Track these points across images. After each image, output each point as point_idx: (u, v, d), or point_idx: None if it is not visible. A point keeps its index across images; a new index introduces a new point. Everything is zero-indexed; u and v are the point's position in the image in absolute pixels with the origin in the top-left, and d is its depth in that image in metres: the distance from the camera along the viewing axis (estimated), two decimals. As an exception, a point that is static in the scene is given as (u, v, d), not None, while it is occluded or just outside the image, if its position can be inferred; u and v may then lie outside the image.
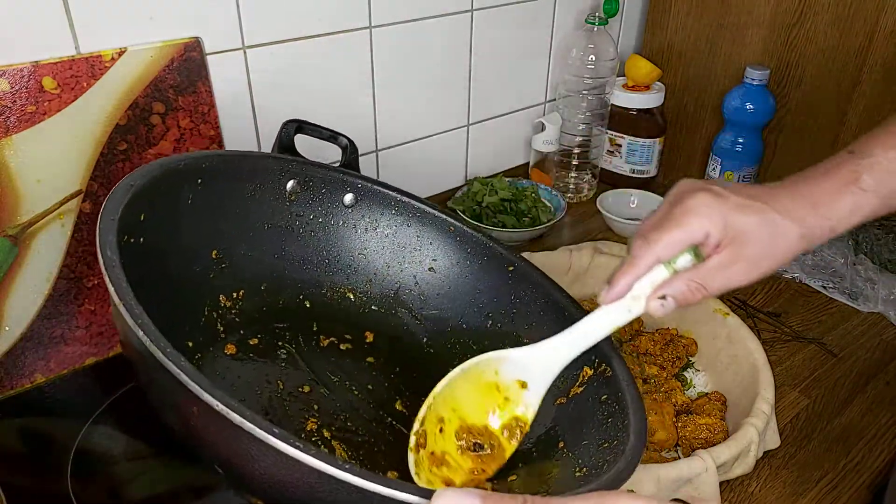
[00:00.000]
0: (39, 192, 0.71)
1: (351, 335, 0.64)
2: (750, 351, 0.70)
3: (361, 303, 0.66)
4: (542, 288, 0.61)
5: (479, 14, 1.02)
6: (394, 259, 0.66)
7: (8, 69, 0.66)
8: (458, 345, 0.64)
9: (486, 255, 0.64)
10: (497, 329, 0.63)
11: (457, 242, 0.65)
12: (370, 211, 0.66)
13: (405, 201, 0.66)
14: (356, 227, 0.66)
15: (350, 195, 0.65)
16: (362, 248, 0.66)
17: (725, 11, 1.03)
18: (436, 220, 0.66)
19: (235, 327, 0.59)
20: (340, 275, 0.66)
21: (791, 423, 0.71)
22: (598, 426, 0.51)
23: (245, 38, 0.81)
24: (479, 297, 0.64)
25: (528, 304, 0.61)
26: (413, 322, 0.66)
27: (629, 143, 1.13)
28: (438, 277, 0.66)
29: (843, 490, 0.64)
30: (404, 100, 1.01)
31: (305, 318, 0.63)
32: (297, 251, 0.64)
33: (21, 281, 0.73)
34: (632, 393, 0.51)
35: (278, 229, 0.63)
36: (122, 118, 0.74)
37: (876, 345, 0.82)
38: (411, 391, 0.60)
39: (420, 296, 0.66)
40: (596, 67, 1.05)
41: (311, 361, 0.60)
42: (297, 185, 0.62)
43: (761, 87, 0.97)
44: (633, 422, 0.48)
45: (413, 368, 0.63)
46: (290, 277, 0.64)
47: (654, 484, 0.56)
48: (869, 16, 0.88)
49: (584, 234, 1.04)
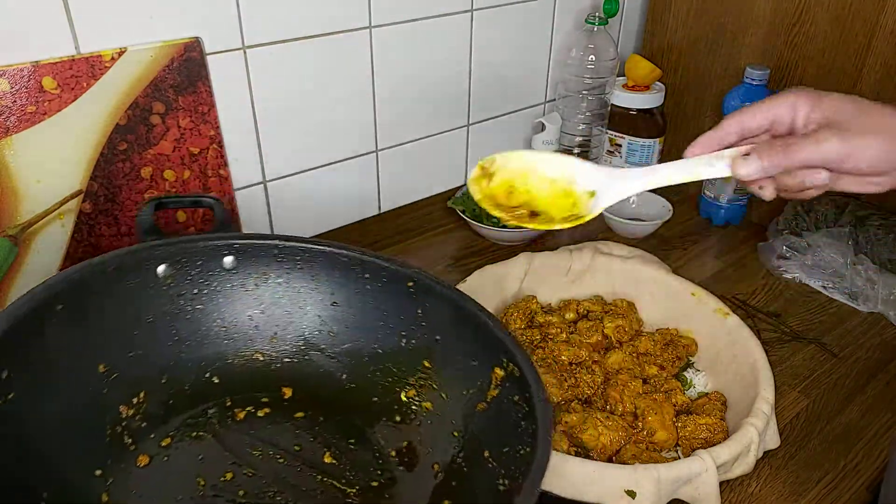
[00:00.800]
0: (39, 192, 0.71)
1: (268, 397, 0.62)
2: (750, 351, 0.70)
3: (272, 360, 0.64)
4: (447, 298, 0.59)
5: (479, 14, 1.02)
6: (293, 306, 0.64)
7: (8, 69, 0.66)
8: (378, 372, 0.63)
9: (384, 277, 0.62)
10: (412, 346, 0.61)
11: (352, 271, 0.63)
12: (255, 267, 0.63)
13: (289, 246, 0.63)
14: (245, 286, 0.63)
15: (229, 258, 0.61)
16: (257, 305, 0.63)
17: (725, 11, 1.03)
18: (325, 255, 0.63)
19: (144, 433, 0.56)
20: (243, 339, 0.63)
21: (791, 423, 0.71)
22: (513, 429, 0.50)
23: (245, 38, 0.81)
24: (388, 319, 0.62)
25: (436, 315, 0.60)
26: (329, 362, 0.64)
27: (629, 143, 1.13)
28: (343, 310, 0.64)
29: (843, 490, 0.64)
30: (404, 100, 1.01)
31: (217, 396, 0.61)
32: (189, 331, 0.61)
33: (21, 281, 0.73)
34: (538, 393, 0.50)
35: (163, 318, 0.59)
36: (122, 118, 0.74)
37: (876, 345, 0.82)
38: (338, 437, 0.59)
39: (329, 333, 0.64)
40: (596, 67, 1.05)
41: (230, 443, 0.57)
42: (168, 268, 0.58)
43: (761, 87, 0.96)
44: (540, 426, 0.47)
45: (337, 411, 0.62)
46: (189, 360, 0.61)
47: (654, 484, 0.56)
48: (869, 15, 0.88)
49: (584, 234, 1.04)
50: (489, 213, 0.55)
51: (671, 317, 0.80)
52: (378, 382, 0.62)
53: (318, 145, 0.95)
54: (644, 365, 0.73)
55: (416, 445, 0.58)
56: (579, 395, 0.69)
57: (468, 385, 0.57)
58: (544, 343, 0.75)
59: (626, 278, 0.83)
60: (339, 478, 0.55)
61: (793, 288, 0.92)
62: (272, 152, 0.91)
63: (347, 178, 1.00)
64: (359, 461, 0.57)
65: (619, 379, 0.70)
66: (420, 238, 1.02)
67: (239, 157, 0.88)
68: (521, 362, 0.52)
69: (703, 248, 1.01)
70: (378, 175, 1.04)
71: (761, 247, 0.98)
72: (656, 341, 0.75)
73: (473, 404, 0.56)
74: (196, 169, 0.82)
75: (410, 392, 0.61)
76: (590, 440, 0.63)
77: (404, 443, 0.59)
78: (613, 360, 0.73)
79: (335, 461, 0.57)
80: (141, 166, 0.77)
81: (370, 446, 0.59)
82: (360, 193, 1.04)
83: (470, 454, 0.54)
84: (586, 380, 0.70)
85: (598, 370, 0.71)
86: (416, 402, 0.60)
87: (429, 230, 1.04)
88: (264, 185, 0.92)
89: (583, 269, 0.84)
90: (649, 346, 0.75)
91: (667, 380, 0.72)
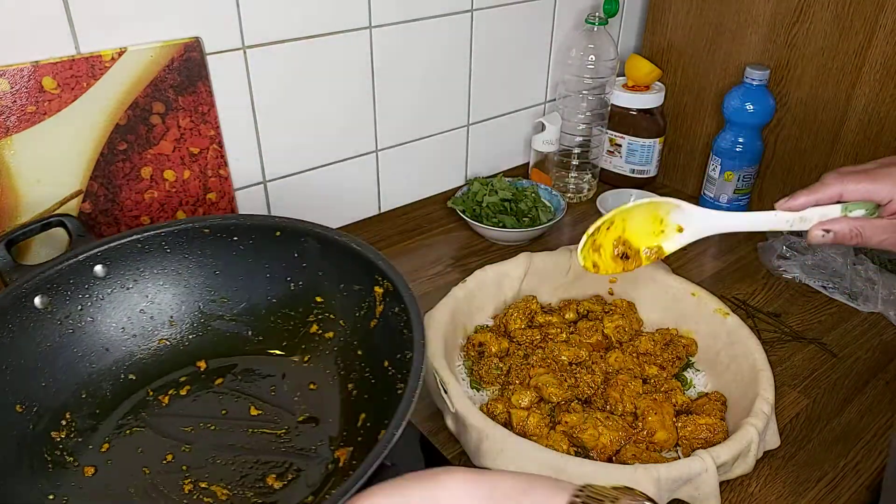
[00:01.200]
0: (39, 192, 0.71)
1: (185, 375, 0.64)
2: (750, 351, 0.70)
3: (178, 341, 0.66)
4: (315, 234, 0.63)
5: (479, 14, 1.02)
6: (178, 287, 0.66)
7: (8, 69, 0.66)
8: (279, 319, 0.66)
9: (252, 234, 0.65)
10: (301, 287, 0.65)
11: (221, 239, 0.65)
12: (126, 266, 0.65)
13: (150, 235, 0.64)
14: (125, 286, 0.65)
15: (98, 267, 0.63)
16: (144, 298, 0.65)
17: (725, 11, 1.03)
18: (188, 233, 0.65)
19: (82, 447, 0.59)
20: (143, 333, 0.65)
21: (791, 423, 0.71)
22: (399, 336, 0.54)
23: (245, 38, 0.81)
24: (271, 270, 0.66)
25: (310, 253, 0.64)
26: (231, 325, 0.67)
27: (629, 143, 1.13)
28: (227, 275, 0.67)
29: (843, 490, 0.64)
30: (404, 100, 1.01)
31: (138, 389, 0.63)
32: (90, 345, 0.63)
33: (21, 281, 0.73)
34: (411, 302, 0.55)
35: (60, 340, 0.61)
36: (122, 118, 0.74)
37: (876, 345, 0.82)
38: (259, 388, 0.63)
39: (222, 300, 0.67)
40: (596, 67, 1.05)
41: (163, 428, 0.60)
42: (44, 297, 0.60)
43: (761, 87, 0.97)
44: (415, 330, 0.52)
45: (254, 366, 0.65)
46: (101, 369, 0.63)
47: (654, 484, 0.56)
48: (869, 15, 0.88)
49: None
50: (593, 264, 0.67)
51: (671, 317, 0.80)
52: (282, 328, 0.66)
53: (318, 145, 0.95)
54: (644, 365, 0.73)
55: (330, 373, 0.63)
56: (579, 395, 0.70)
57: (358, 308, 0.62)
58: (544, 343, 0.75)
59: (626, 278, 0.83)
60: (268, 424, 0.59)
61: (793, 288, 0.92)
62: (272, 152, 0.91)
63: (347, 178, 1.00)
64: (283, 403, 0.61)
65: (619, 379, 0.70)
66: (420, 238, 1.02)
67: (239, 157, 0.88)
68: (393, 278, 0.57)
69: (703, 248, 1.01)
70: (378, 175, 1.04)
71: (761, 247, 0.98)
72: (656, 341, 0.75)
73: (367, 323, 0.61)
74: (196, 169, 0.82)
75: (313, 328, 0.65)
76: (590, 440, 0.63)
77: (319, 373, 0.63)
78: (613, 360, 0.73)
79: (261, 411, 0.61)
80: (141, 166, 0.77)
81: (290, 387, 0.63)
82: (360, 193, 1.04)
83: (374, 368, 0.59)
84: (586, 380, 0.70)
85: (598, 370, 0.71)
86: (320, 334, 0.65)
87: (429, 230, 1.04)
88: (264, 185, 0.92)
89: (583, 268, 0.84)
90: (649, 346, 0.75)
91: (667, 380, 0.72)
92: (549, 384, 0.68)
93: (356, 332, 0.62)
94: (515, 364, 0.72)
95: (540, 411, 0.67)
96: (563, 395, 0.68)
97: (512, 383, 0.71)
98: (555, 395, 0.68)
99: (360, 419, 0.57)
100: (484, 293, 0.80)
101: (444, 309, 0.73)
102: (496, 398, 0.69)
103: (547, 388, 0.68)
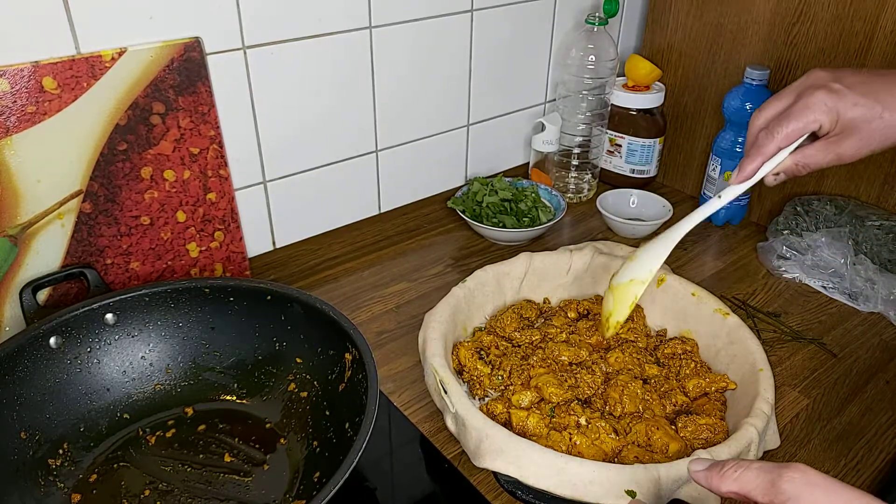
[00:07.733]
0: (39, 192, 0.71)
1: (173, 419, 0.70)
2: (750, 351, 0.70)
3: (171, 387, 0.72)
4: (300, 301, 0.69)
5: (479, 14, 1.02)
6: (177, 338, 0.73)
7: (8, 69, 0.66)
8: (262, 375, 0.72)
9: (247, 295, 0.72)
10: (285, 347, 0.72)
11: (219, 298, 0.72)
12: (134, 316, 0.71)
13: (157, 292, 0.71)
14: (130, 334, 0.71)
15: (109, 315, 0.70)
16: (146, 346, 0.72)
17: (725, 11, 1.03)
18: (190, 292, 0.72)
19: (73, 475, 0.64)
20: (141, 377, 0.71)
21: (791, 423, 0.71)
22: (359, 402, 0.59)
23: (245, 38, 0.81)
24: (260, 329, 0.72)
25: (295, 318, 0.70)
26: (220, 377, 0.73)
27: (629, 143, 1.13)
28: (221, 332, 0.73)
29: (843, 490, 0.64)
30: (404, 100, 1.01)
31: (129, 428, 0.69)
32: (93, 384, 0.69)
33: (21, 280, 0.73)
34: (371, 371, 0.60)
35: (67, 377, 0.67)
36: (122, 118, 0.74)
37: (876, 345, 0.82)
38: (236, 438, 0.68)
39: (215, 353, 0.73)
40: (596, 67, 1.05)
41: (145, 465, 0.65)
42: (58, 338, 0.66)
43: (761, 87, 0.96)
44: (369, 400, 0.57)
45: (235, 416, 0.71)
46: (99, 407, 0.69)
47: (654, 484, 0.56)
48: (869, 15, 0.88)
49: (584, 234, 1.04)
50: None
51: (671, 317, 0.80)
52: (265, 384, 0.72)
53: (318, 145, 0.95)
54: (644, 365, 0.73)
55: (299, 430, 0.68)
56: (579, 395, 0.69)
57: (331, 371, 0.67)
58: (544, 343, 0.75)
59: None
60: (238, 471, 0.64)
61: (793, 288, 0.92)
62: (272, 152, 0.91)
63: (347, 178, 1.00)
64: (254, 454, 0.66)
65: (620, 379, 0.70)
66: (420, 238, 1.02)
67: (239, 157, 0.88)
68: (360, 346, 0.63)
69: (703, 248, 1.01)
70: (378, 175, 1.04)
71: (761, 247, 0.98)
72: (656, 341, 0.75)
73: (337, 386, 0.66)
74: (196, 169, 0.81)
75: (291, 386, 0.70)
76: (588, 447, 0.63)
77: (290, 429, 0.68)
78: (613, 361, 0.73)
79: (234, 458, 0.66)
80: (141, 166, 0.77)
81: (263, 439, 0.68)
82: (360, 193, 1.04)
83: (337, 428, 0.64)
84: (586, 380, 0.70)
85: (599, 370, 0.71)
86: (296, 392, 0.70)
87: (429, 230, 1.04)
88: (264, 185, 0.92)
89: (583, 269, 0.84)
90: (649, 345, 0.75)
91: (667, 380, 0.72)
92: (549, 384, 0.68)
93: (326, 394, 0.67)
94: (515, 365, 0.72)
95: (540, 411, 0.67)
96: (563, 395, 0.68)
97: (512, 383, 0.71)
98: (555, 395, 0.68)
99: (316, 476, 0.62)
100: (484, 293, 0.80)
101: (444, 309, 0.73)
102: (496, 398, 0.69)
103: (547, 388, 0.68)
